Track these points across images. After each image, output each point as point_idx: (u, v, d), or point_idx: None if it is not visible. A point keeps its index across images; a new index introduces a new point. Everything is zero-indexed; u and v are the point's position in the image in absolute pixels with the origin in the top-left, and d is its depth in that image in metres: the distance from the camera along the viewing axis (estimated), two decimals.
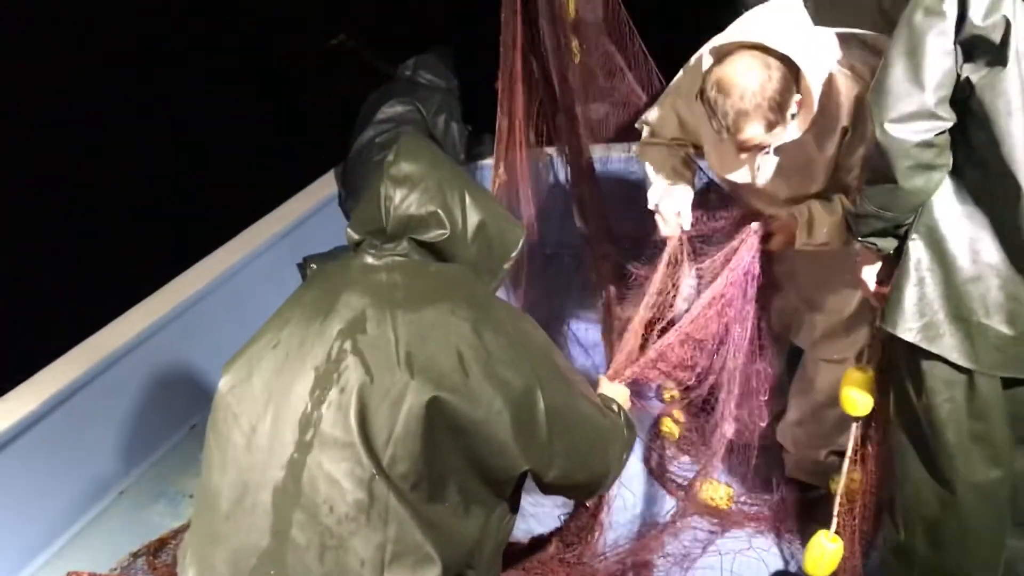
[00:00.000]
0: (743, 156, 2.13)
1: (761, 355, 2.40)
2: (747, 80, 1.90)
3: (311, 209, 3.94)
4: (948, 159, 1.72)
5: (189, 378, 3.22)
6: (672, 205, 2.36)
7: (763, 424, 2.51)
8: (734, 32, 1.97)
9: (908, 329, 1.80)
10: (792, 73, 1.93)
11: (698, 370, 2.24)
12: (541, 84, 3.23)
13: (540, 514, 2.47)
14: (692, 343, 2.15)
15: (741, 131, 1.96)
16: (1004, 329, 1.72)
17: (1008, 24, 1.56)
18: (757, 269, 2.23)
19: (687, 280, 2.34)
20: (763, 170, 2.19)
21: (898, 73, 1.65)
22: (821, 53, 1.98)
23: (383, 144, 3.71)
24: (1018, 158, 1.61)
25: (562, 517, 2.50)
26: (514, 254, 1.61)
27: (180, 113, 5.34)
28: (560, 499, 2.42)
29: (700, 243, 2.40)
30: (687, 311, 2.20)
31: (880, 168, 1.73)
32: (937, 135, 1.66)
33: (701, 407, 2.66)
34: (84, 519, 2.88)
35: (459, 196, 1.53)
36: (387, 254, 1.50)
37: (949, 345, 1.76)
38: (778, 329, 2.63)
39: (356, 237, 1.54)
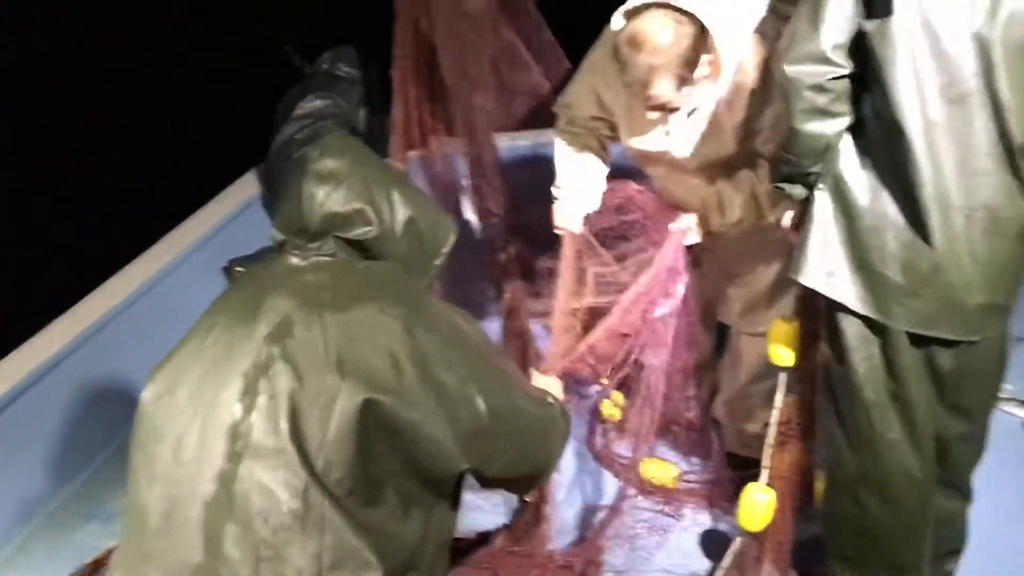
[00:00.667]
0: (653, 117, 2.16)
1: (687, 350, 2.43)
2: (659, 35, 1.95)
3: (235, 210, 3.83)
4: (845, 108, 1.76)
5: (116, 392, 3.11)
6: (572, 202, 2.43)
7: (692, 415, 2.55)
8: None
9: (811, 276, 1.84)
10: (703, 33, 1.97)
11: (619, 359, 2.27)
12: (437, 75, 3.22)
13: (486, 507, 2.45)
14: (619, 338, 2.17)
15: (651, 86, 2.01)
16: (899, 279, 1.76)
17: None
18: (682, 267, 2.27)
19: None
20: (675, 136, 2.22)
21: (803, 17, 1.71)
22: (733, 15, 2.02)
23: (303, 140, 3.64)
24: (904, 107, 1.66)
25: (508, 514, 2.50)
26: (445, 250, 1.58)
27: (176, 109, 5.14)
28: (505, 493, 2.41)
29: (613, 238, 2.45)
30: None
31: (784, 111, 1.79)
32: (830, 80, 1.71)
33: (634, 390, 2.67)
34: (11, 545, 2.76)
35: (386, 192, 1.49)
36: (312, 254, 1.46)
37: (851, 293, 1.81)
38: (703, 306, 2.66)
39: (280, 237, 1.50)
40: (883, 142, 1.73)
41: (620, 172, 2.55)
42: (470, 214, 3.47)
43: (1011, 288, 1.81)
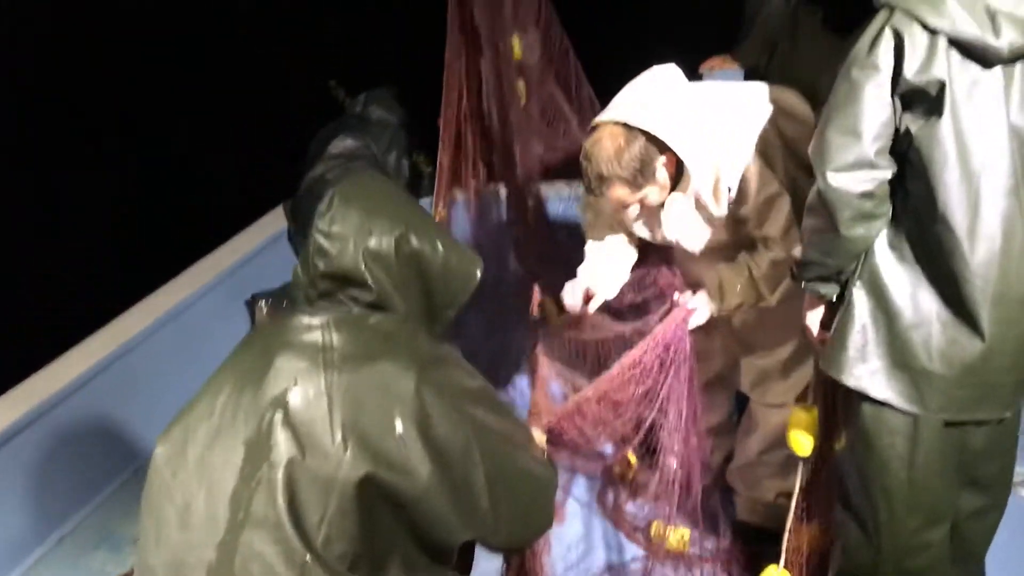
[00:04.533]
0: (631, 214, 2.28)
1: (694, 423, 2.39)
2: (602, 148, 2.11)
3: (260, 244, 3.87)
4: (888, 208, 1.76)
5: (132, 420, 3.13)
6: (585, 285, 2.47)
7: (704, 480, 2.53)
8: (604, 112, 2.17)
9: (852, 375, 1.83)
10: (656, 140, 2.09)
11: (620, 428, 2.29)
12: (483, 123, 3.29)
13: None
14: (609, 403, 2.16)
15: (605, 193, 2.17)
16: (945, 372, 1.75)
17: (942, 83, 1.62)
18: (687, 348, 2.23)
19: None
20: (668, 227, 2.31)
21: (837, 125, 1.70)
22: (692, 119, 2.12)
23: (334, 180, 3.68)
24: (953, 208, 1.66)
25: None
26: (463, 299, 1.53)
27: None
28: None
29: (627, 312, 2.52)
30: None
31: (822, 217, 1.77)
32: (877, 185, 1.71)
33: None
34: (22, 566, 2.77)
35: (397, 240, 1.44)
36: (322, 310, 1.43)
37: (895, 391, 1.79)
38: (719, 371, 2.67)
39: (301, 279, 1.48)
40: (921, 238, 1.72)
41: None
42: (511, 258, 3.50)
43: None
